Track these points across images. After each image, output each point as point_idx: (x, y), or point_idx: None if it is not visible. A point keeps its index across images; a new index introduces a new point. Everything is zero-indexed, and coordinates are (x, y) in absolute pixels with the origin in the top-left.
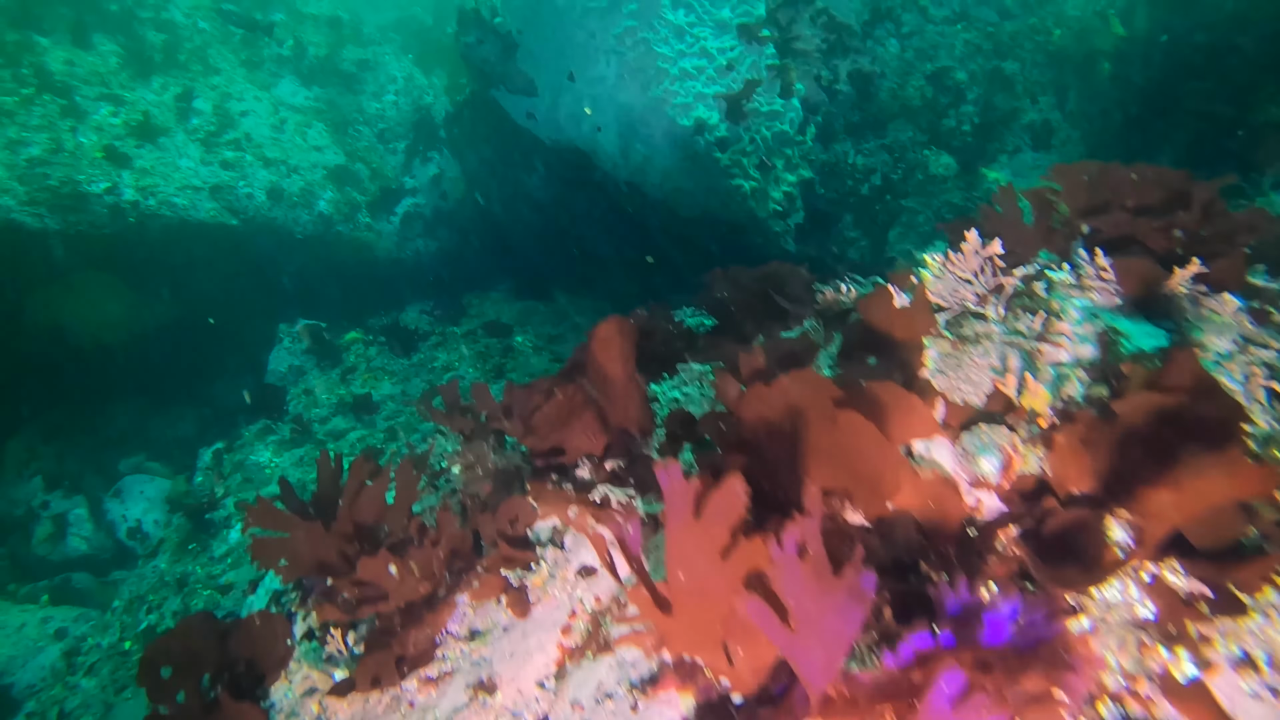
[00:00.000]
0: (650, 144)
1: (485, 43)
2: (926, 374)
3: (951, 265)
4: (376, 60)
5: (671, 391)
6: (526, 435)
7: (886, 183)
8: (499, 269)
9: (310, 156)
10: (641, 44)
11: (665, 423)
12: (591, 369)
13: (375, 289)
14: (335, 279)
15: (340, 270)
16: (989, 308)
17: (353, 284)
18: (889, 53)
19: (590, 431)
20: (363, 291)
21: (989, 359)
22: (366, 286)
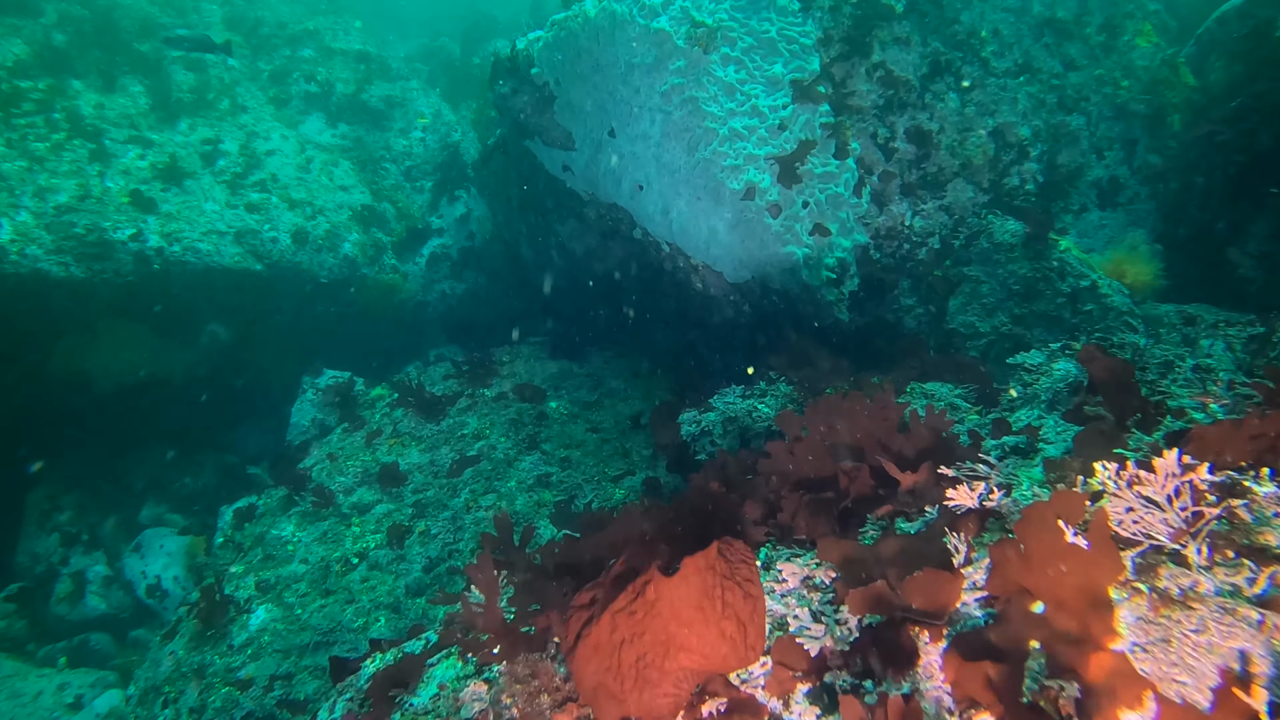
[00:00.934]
0: (696, 207)
1: (520, 93)
2: (1123, 646)
3: (1137, 484)
4: (404, 96)
5: (771, 600)
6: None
7: (946, 246)
8: (528, 315)
9: (336, 197)
10: (689, 103)
11: (773, 654)
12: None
13: (401, 333)
14: (360, 324)
15: (365, 314)
16: (1189, 549)
17: (378, 329)
18: (948, 108)
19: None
20: (388, 336)
21: (1209, 636)
22: (392, 331)
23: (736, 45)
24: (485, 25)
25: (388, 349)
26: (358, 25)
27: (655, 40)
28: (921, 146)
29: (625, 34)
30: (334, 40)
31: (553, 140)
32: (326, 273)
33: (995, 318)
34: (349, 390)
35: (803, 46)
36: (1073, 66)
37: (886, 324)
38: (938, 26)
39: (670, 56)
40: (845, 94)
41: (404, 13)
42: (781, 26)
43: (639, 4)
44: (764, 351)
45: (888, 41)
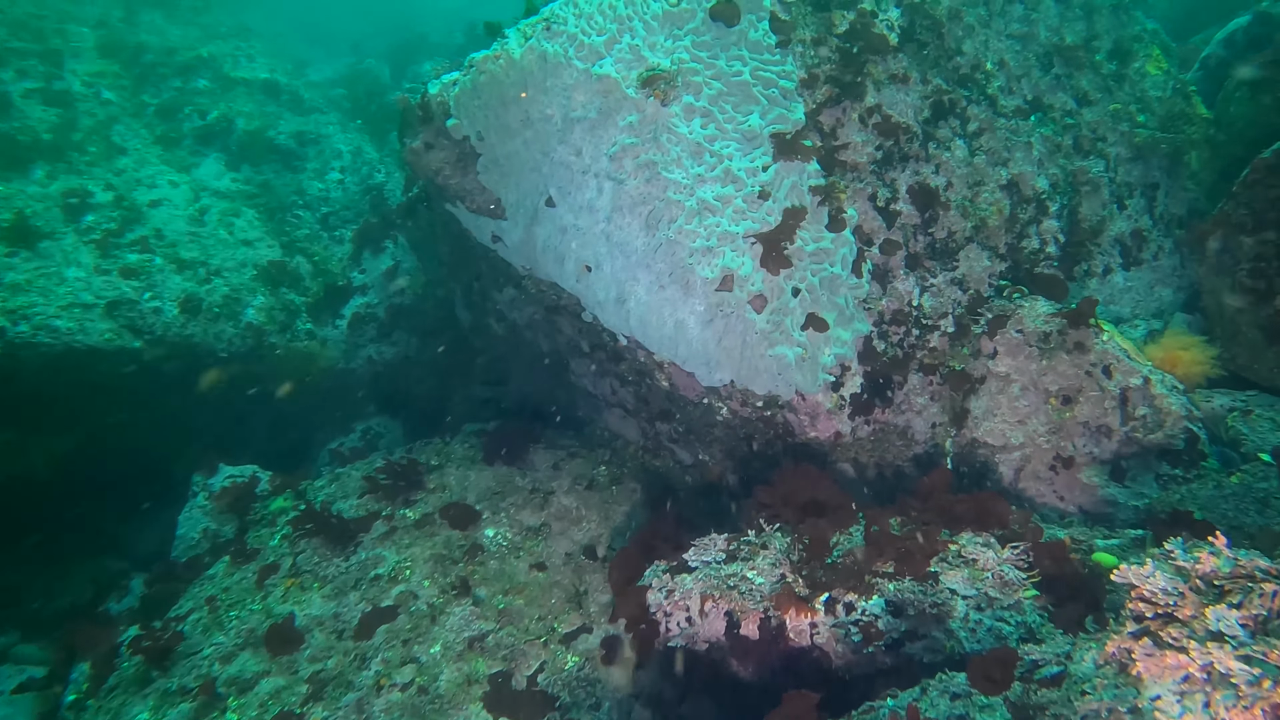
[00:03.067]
0: (659, 296)
1: (436, 149)
2: None
3: None
4: (319, 131)
5: None
6: None
7: (962, 329)
8: (470, 378)
9: (238, 253)
10: (645, 168)
11: None
12: None
13: (322, 408)
14: (268, 405)
15: (273, 395)
16: None
17: (294, 404)
18: (955, 158)
19: None
20: (303, 418)
21: None
22: (311, 406)
23: (702, 92)
24: (415, 44)
25: (308, 425)
26: (259, 48)
27: (599, 89)
28: (927, 207)
29: (560, 80)
30: (235, 69)
31: (478, 207)
32: (226, 346)
33: (1030, 425)
34: (249, 494)
35: (783, 91)
36: (1086, 101)
37: (896, 429)
38: (938, 59)
39: (619, 109)
40: (836, 147)
41: (331, 30)
42: (756, 66)
43: (575, 43)
44: (751, 465)
45: (882, 80)
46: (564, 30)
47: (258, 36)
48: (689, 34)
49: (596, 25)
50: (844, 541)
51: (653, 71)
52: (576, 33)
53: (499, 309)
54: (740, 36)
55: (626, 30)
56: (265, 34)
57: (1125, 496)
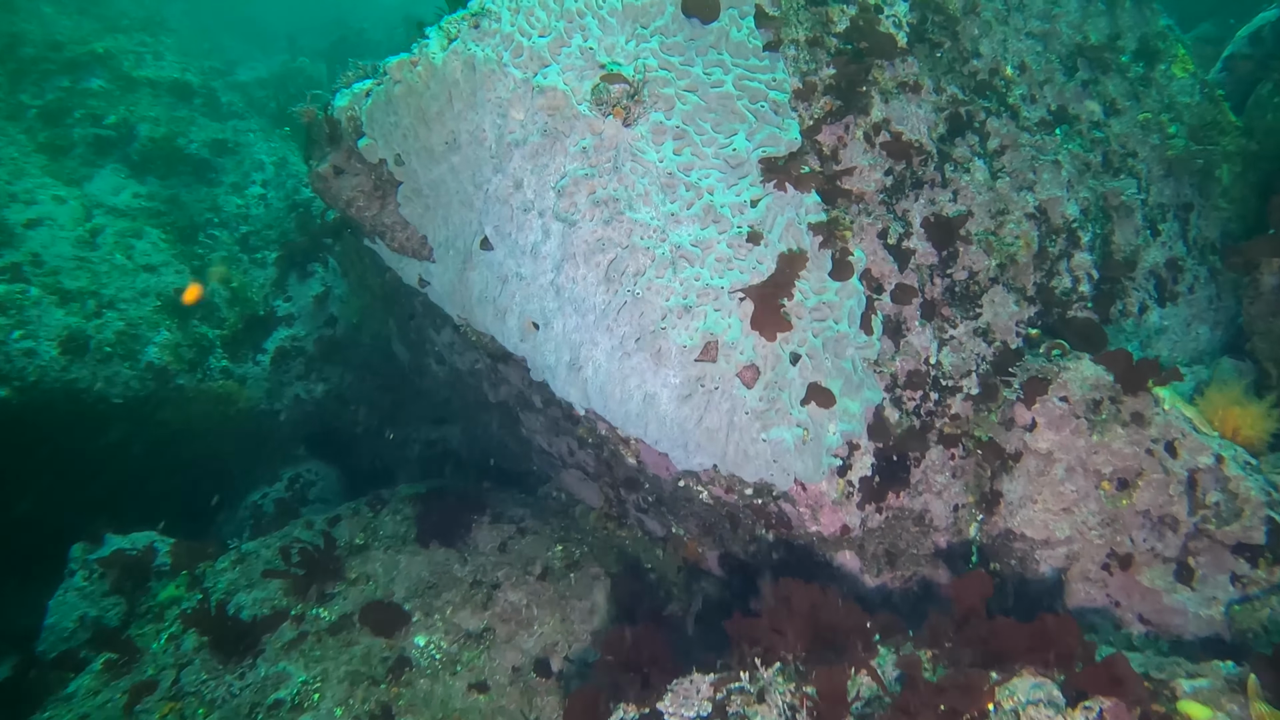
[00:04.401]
0: (623, 365)
1: (347, 174)
2: None
3: None
4: (238, 140)
5: None
6: None
7: (988, 390)
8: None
9: (138, 281)
10: (603, 206)
11: None
12: None
13: (243, 453)
14: (173, 458)
15: (183, 443)
16: None
17: (205, 457)
18: (976, 181)
19: None
20: (220, 467)
21: None
22: (224, 459)
23: (675, 108)
24: (353, 41)
25: (226, 474)
26: (169, 44)
27: (543, 105)
28: (945, 242)
29: (493, 93)
30: (139, 67)
31: (400, 245)
32: (121, 390)
33: (1078, 514)
34: (142, 571)
35: (774, 104)
36: (1114, 110)
37: (911, 514)
38: (952, 63)
39: (569, 131)
40: (839, 172)
41: (268, 26)
42: (740, 74)
43: (511, 45)
44: (733, 544)
45: (891, 89)
46: (497, 29)
47: (170, 31)
48: (656, 34)
49: (538, 23)
50: (864, 689)
51: (611, 82)
52: (513, 32)
53: (438, 351)
54: (720, 37)
55: (577, 30)
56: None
57: (1195, 604)
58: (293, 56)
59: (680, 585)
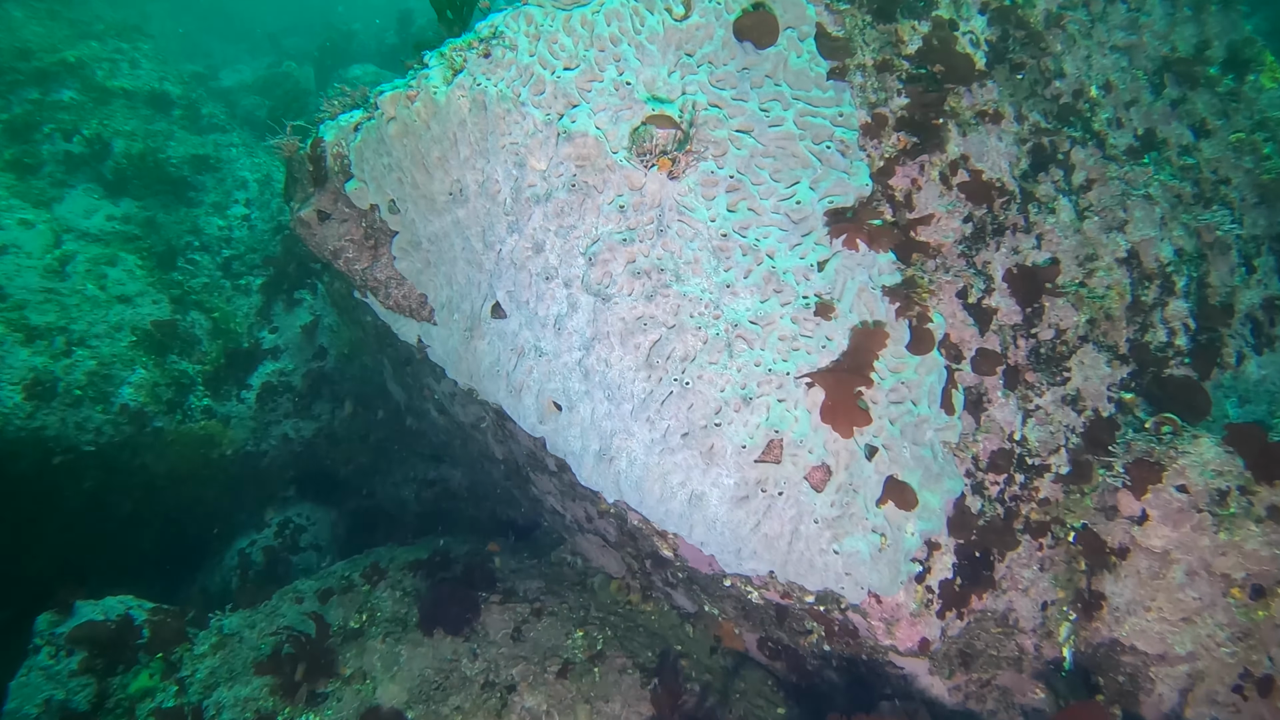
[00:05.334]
0: (665, 461)
1: (333, 220)
2: None
3: None
4: (219, 156)
5: None
6: None
7: (1080, 469)
8: (405, 474)
9: (111, 314)
10: (645, 277)
11: None
12: None
13: (227, 497)
14: (152, 506)
15: (163, 489)
16: None
17: (183, 509)
18: (1061, 223)
19: None
20: (204, 513)
21: None
22: (209, 505)
23: (728, 154)
24: (342, 44)
25: (211, 520)
26: (146, 50)
27: (571, 154)
28: (1029, 298)
29: (509, 137)
30: (113, 76)
31: (396, 304)
32: (92, 437)
33: (1202, 626)
34: (117, 645)
35: (841, 143)
36: (1204, 132)
37: (993, 616)
38: (1034, 86)
39: (603, 185)
40: (913, 221)
41: (253, 25)
42: (803, 109)
43: (531, 79)
44: (778, 632)
45: (969, 120)
46: (513, 60)
47: (147, 37)
48: (704, 63)
49: (563, 52)
50: None
51: (655, 125)
52: (532, 64)
53: (438, 399)
54: (777, 64)
55: (611, 60)
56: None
57: None
58: (279, 60)
59: (716, 672)
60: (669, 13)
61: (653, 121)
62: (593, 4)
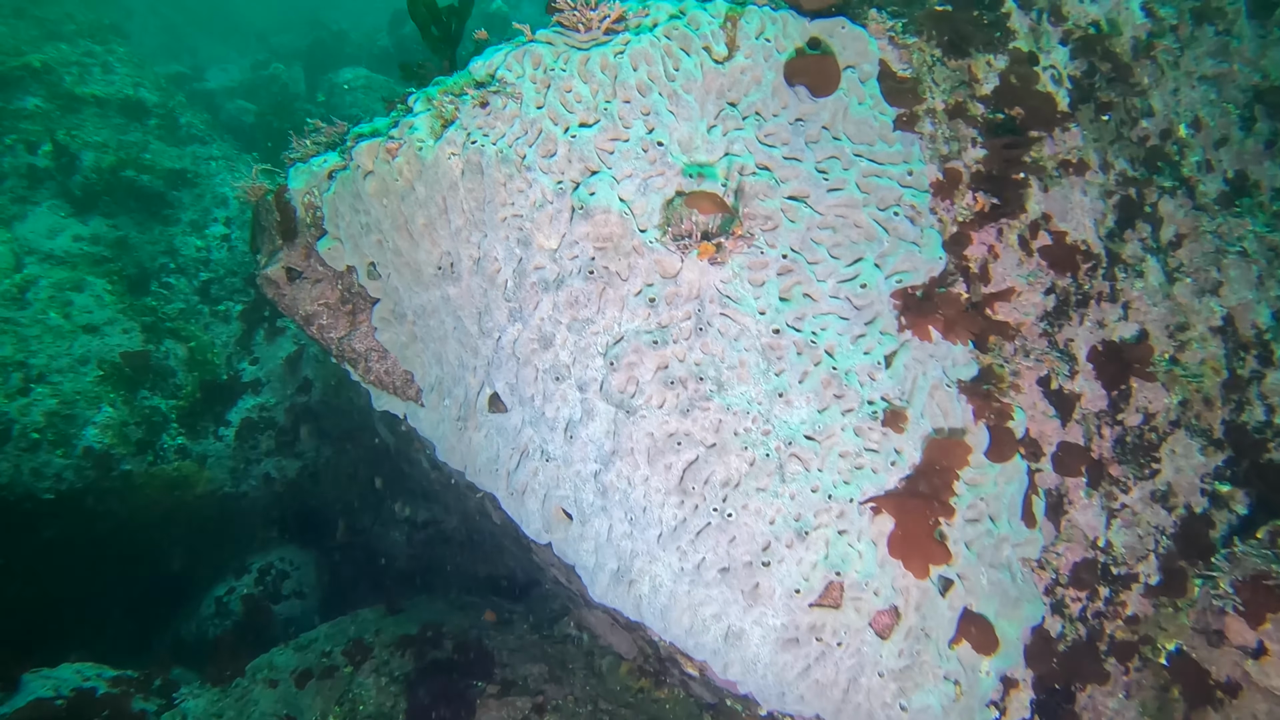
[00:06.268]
0: (699, 593)
1: (305, 279)
2: None
3: None
4: (198, 170)
5: None
6: None
7: (1172, 577)
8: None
9: (76, 345)
10: (679, 387)
11: None
12: None
13: (204, 542)
14: (120, 553)
15: (132, 536)
16: None
17: (156, 554)
18: (1149, 288)
19: None
20: (178, 558)
21: None
22: (183, 549)
23: (780, 228)
24: (332, 45)
25: (186, 564)
26: (121, 53)
27: (590, 232)
28: (1115, 379)
29: (511, 208)
30: (82, 82)
31: (379, 379)
32: (51, 484)
33: None
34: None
35: (910, 209)
36: None
37: None
38: (1120, 127)
39: (628, 271)
40: (989, 296)
41: (242, 19)
42: (867, 169)
43: (539, 138)
44: None
45: (1051, 173)
46: (515, 113)
47: (122, 38)
48: (751, 114)
49: (580, 104)
50: None
51: (692, 198)
52: (540, 118)
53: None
54: (836, 113)
55: (638, 114)
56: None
57: None
58: (266, 61)
59: None
60: (708, 53)
61: (691, 196)
62: (614, 43)
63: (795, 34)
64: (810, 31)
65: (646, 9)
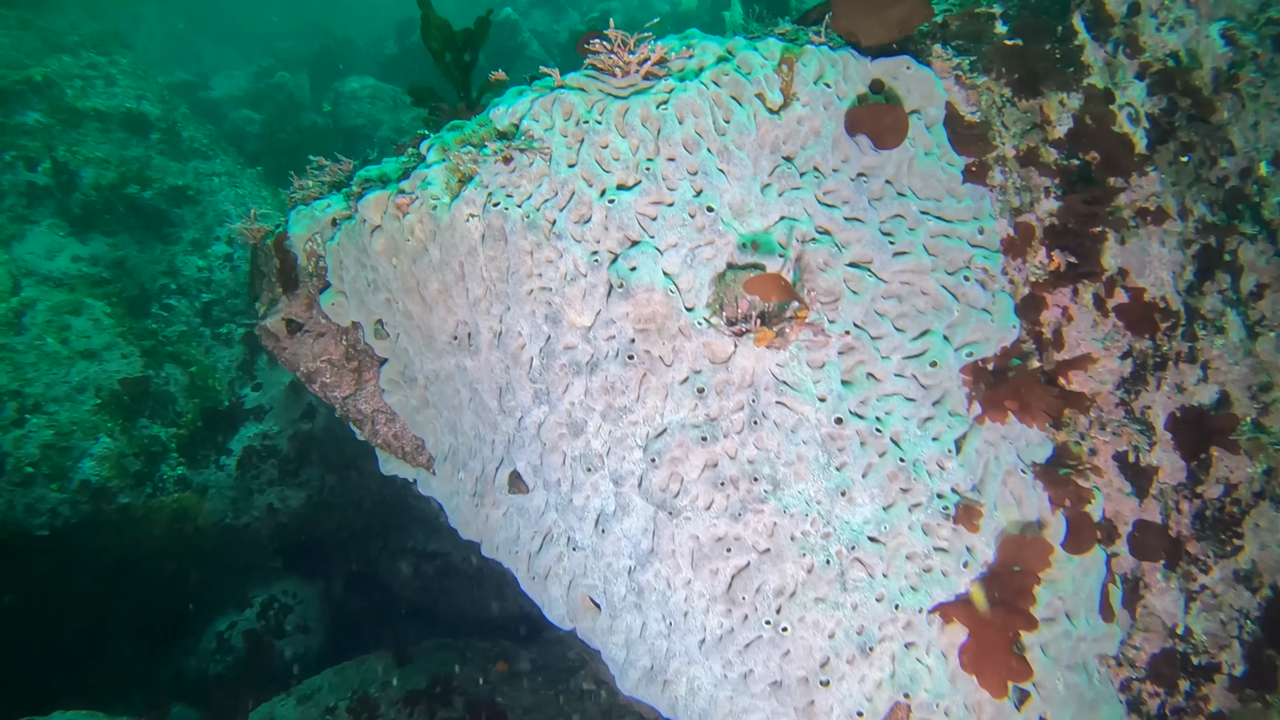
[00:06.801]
0: (742, 702)
1: (307, 333)
2: None
3: None
4: (200, 186)
5: None
6: None
7: (1258, 670)
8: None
9: (73, 372)
10: (730, 487)
11: None
12: None
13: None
14: (115, 596)
15: (130, 569)
16: None
17: (155, 588)
18: (1230, 345)
19: None
20: (173, 598)
21: None
22: (180, 588)
23: (842, 301)
24: (338, 53)
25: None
26: (124, 65)
27: (630, 312)
28: (1194, 448)
29: (539, 279)
30: (84, 96)
31: (386, 442)
32: (46, 520)
33: None
34: None
35: (982, 272)
36: None
37: None
38: (1199, 168)
39: (673, 356)
40: (1065, 365)
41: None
42: (936, 228)
43: (570, 201)
44: None
45: (1128, 223)
46: (544, 169)
47: (125, 48)
48: (809, 170)
49: (618, 161)
50: None
51: (747, 271)
52: (573, 177)
53: None
54: (902, 165)
55: (684, 171)
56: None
57: None
58: (272, 70)
59: None
60: (762, 101)
61: (750, 280)
62: (657, 90)
63: (856, 77)
64: (872, 73)
65: (690, 49)
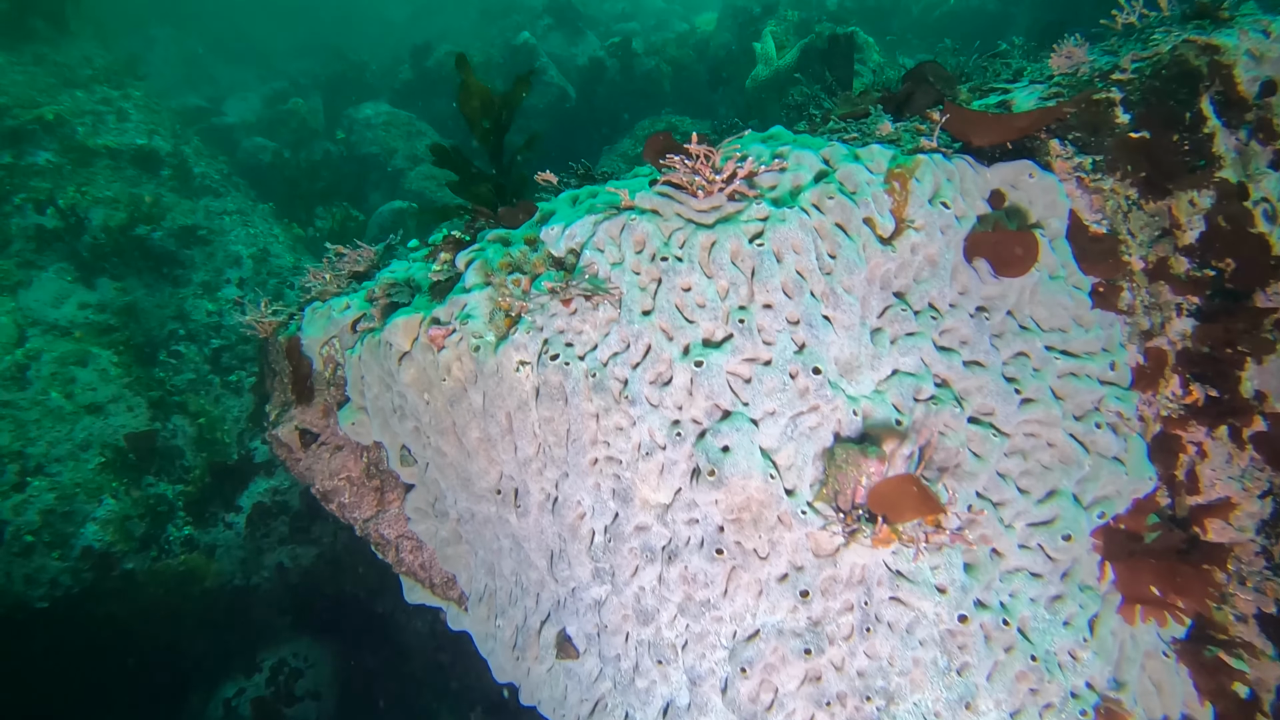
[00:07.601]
0: None
1: (323, 445)
2: None
3: None
4: (211, 226)
5: None
6: None
7: None
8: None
9: (78, 429)
10: (834, 705)
11: None
12: None
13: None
14: (119, 663)
15: (133, 636)
16: None
17: (159, 653)
18: None
19: None
20: (178, 663)
21: None
22: (189, 647)
23: (964, 469)
24: (352, 77)
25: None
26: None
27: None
28: None
29: (605, 449)
30: (95, 133)
31: (411, 570)
32: (47, 590)
33: None
34: None
35: (1114, 416)
36: None
37: None
38: None
39: (769, 549)
40: (1199, 511)
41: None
42: (1064, 367)
43: (645, 358)
44: None
45: (1266, 338)
46: (611, 316)
47: (138, 81)
48: (925, 308)
49: (701, 306)
50: None
51: (856, 444)
52: (648, 327)
53: None
54: (1025, 293)
55: (783, 321)
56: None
57: None
58: (284, 94)
59: None
60: (871, 229)
61: (857, 453)
62: (747, 217)
63: (975, 190)
64: (991, 184)
65: (783, 162)
